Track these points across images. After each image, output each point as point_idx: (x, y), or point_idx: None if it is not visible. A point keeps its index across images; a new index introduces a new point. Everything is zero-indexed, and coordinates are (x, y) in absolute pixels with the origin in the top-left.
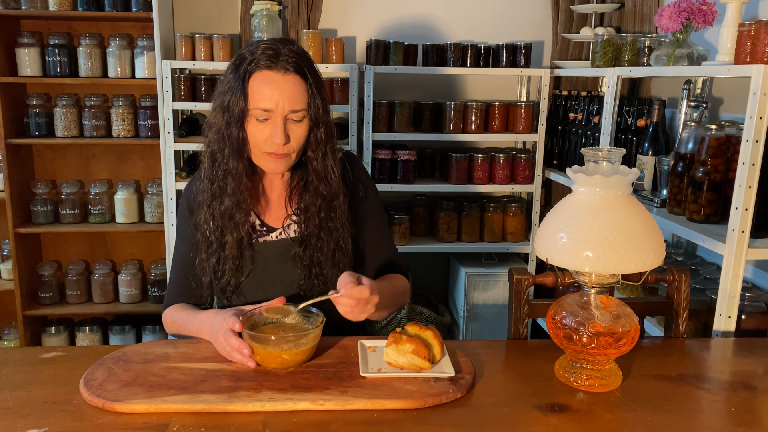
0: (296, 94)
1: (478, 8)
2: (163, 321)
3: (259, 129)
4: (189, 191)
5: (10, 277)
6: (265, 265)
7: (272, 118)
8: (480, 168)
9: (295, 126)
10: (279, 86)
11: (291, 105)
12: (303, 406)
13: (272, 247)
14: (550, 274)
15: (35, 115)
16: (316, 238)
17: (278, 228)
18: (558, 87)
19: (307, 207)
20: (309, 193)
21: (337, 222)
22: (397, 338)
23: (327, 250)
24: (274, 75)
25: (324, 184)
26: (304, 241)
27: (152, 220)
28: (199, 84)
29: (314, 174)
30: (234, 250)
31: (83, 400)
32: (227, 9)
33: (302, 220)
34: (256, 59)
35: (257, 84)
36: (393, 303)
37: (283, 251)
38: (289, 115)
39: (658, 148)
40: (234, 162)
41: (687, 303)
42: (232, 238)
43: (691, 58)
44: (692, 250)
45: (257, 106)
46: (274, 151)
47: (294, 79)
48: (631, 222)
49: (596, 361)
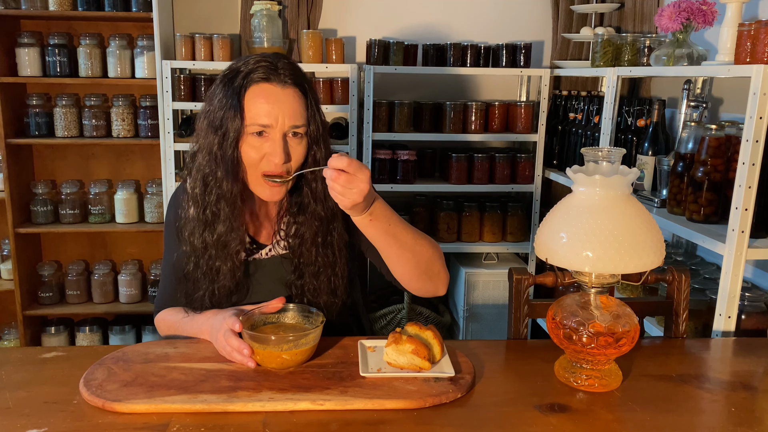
0: (296, 109)
1: (478, 8)
2: (156, 324)
3: (255, 148)
4: (176, 203)
5: (10, 277)
6: (259, 287)
7: (270, 135)
8: (480, 168)
9: (294, 144)
10: (278, 100)
11: (292, 120)
12: (303, 406)
13: (263, 265)
14: (550, 274)
15: (35, 115)
16: (314, 265)
17: (268, 244)
18: (558, 87)
19: (303, 233)
20: (307, 216)
21: (334, 246)
22: (397, 338)
23: (324, 278)
24: (272, 88)
25: (322, 205)
26: (298, 269)
27: (152, 220)
28: (199, 84)
29: (312, 197)
30: (227, 280)
31: (83, 400)
32: (227, 9)
33: (296, 246)
34: (251, 71)
35: (254, 98)
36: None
37: (274, 268)
38: (289, 132)
39: (658, 148)
40: (228, 184)
41: (687, 303)
42: (225, 268)
43: (691, 58)
44: (692, 250)
45: (254, 121)
46: (272, 171)
47: (294, 93)
48: (631, 222)
49: (596, 361)
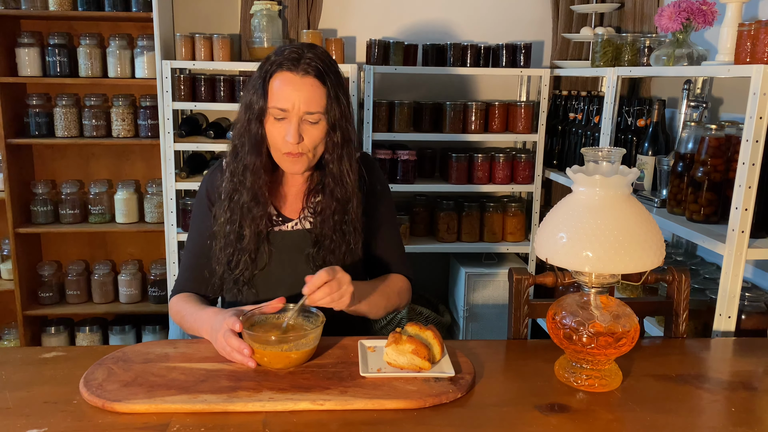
0: (313, 97)
1: (478, 8)
2: (170, 308)
3: (276, 128)
4: (209, 181)
5: (10, 277)
6: (279, 257)
7: (288, 118)
8: (480, 168)
9: (310, 127)
10: (297, 87)
11: (306, 107)
12: (303, 406)
13: (287, 237)
14: (550, 274)
15: (35, 115)
16: (330, 240)
17: (294, 219)
18: (558, 87)
19: (323, 209)
20: (325, 195)
21: (350, 225)
22: (397, 338)
23: (339, 253)
24: (292, 77)
25: (339, 187)
26: (318, 242)
27: (152, 220)
28: (198, 84)
29: (330, 176)
30: (251, 243)
31: (83, 400)
32: (227, 9)
33: (317, 222)
34: (278, 61)
35: (277, 84)
36: (386, 300)
37: (297, 242)
38: (305, 116)
39: (658, 148)
40: (252, 157)
41: (687, 303)
42: (249, 231)
43: (691, 58)
44: (692, 250)
45: (275, 105)
46: (289, 151)
47: (312, 82)
48: (631, 222)
49: (596, 361)
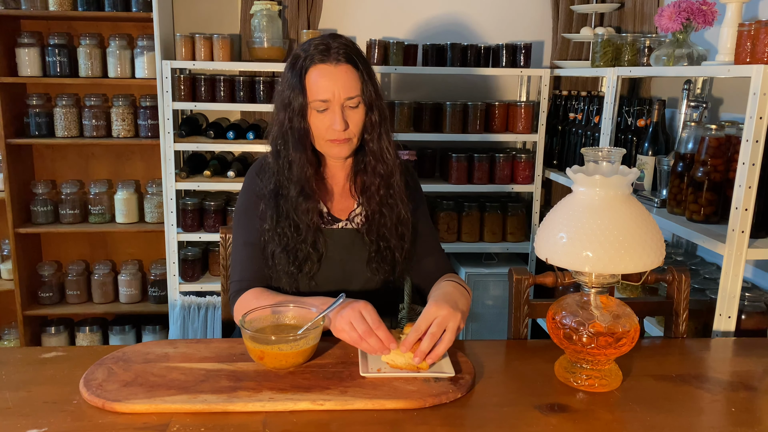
0: (349, 82)
1: (478, 8)
2: (236, 310)
3: (320, 119)
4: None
5: (10, 277)
6: (329, 253)
7: (331, 107)
8: (480, 168)
9: (351, 112)
10: (333, 77)
11: (346, 92)
12: (303, 406)
13: (337, 235)
14: (550, 274)
15: (35, 115)
16: (379, 214)
17: (343, 219)
18: (558, 87)
19: (367, 187)
20: (368, 174)
21: (396, 198)
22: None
23: (390, 225)
24: (327, 67)
25: (381, 163)
26: (368, 219)
27: (152, 220)
28: (199, 84)
29: (371, 155)
30: (309, 235)
31: (83, 400)
32: (227, 9)
33: (364, 200)
34: (309, 55)
35: (314, 78)
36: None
37: (347, 240)
38: (346, 103)
39: (658, 148)
40: (297, 153)
41: (687, 303)
42: (303, 226)
43: (691, 58)
44: (692, 250)
45: (316, 98)
46: (336, 138)
47: (346, 68)
48: (631, 222)
49: (596, 361)
